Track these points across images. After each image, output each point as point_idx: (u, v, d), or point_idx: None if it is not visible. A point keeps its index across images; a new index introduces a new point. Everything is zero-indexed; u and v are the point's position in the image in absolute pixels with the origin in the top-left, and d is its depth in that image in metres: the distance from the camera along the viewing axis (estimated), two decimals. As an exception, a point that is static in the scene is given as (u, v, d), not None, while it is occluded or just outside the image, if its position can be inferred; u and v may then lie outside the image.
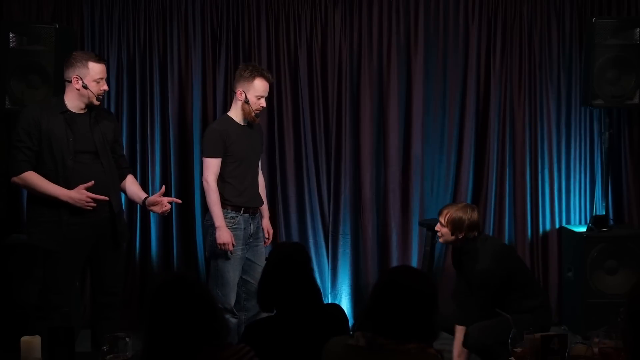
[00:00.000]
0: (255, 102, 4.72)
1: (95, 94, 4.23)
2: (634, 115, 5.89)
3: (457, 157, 5.92)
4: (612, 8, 5.86)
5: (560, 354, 3.05)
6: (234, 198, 4.72)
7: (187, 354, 2.31)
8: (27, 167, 4.19)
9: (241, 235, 4.73)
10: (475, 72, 5.86)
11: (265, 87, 4.74)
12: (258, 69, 4.77)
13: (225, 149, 4.70)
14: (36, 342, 3.09)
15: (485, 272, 4.31)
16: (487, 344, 4.23)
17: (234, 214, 4.72)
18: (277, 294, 3.14)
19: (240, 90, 4.73)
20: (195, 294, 2.36)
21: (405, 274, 2.67)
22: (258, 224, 4.89)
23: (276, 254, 3.26)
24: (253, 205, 4.82)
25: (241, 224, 4.74)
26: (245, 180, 4.76)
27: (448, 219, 4.39)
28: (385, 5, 5.81)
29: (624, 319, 2.15)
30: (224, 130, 4.72)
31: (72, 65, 4.23)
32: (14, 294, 5.19)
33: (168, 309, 2.33)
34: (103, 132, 4.30)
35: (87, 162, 4.24)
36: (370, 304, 2.63)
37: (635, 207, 5.91)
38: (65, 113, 4.22)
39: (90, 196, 4.15)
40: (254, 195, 4.83)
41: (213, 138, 4.72)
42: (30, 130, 4.18)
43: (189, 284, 2.38)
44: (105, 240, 4.33)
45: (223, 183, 4.72)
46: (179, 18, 5.75)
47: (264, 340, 3.04)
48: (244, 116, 4.76)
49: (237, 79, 4.76)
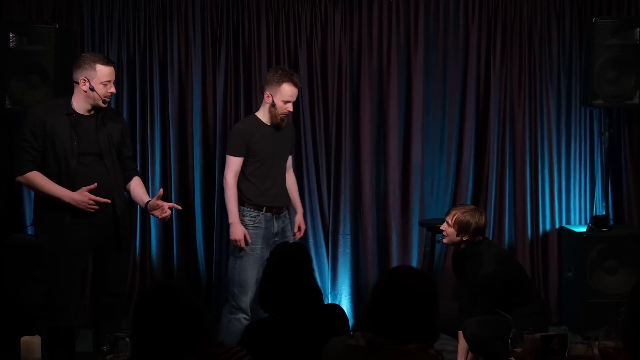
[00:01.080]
0: (281, 107, 4.75)
1: (101, 96, 4.23)
2: (634, 115, 5.89)
3: (457, 157, 5.92)
4: (612, 8, 5.85)
5: (560, 354, 3.05)
6: (255, 197, 4.78)
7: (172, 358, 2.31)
8: (32, 167, 4.19)
9: (261, 234, 4.78)
10: (475, 72, 5.86)
11: (293, 92, 4.76)
12: (287, 73, 4.79)
13: (248, 148, 4.76)
14: (36, 342, 3.09)
15: (490, 275, 4.30)
16: (484, 337, 4.22)
17: (255, 213, 4.78)
18: (278, 294, 3.14)
19: (268, 93, 4.78)
20: (178, 303, 2.35)
21: (405, 274, 2.66)
22: (284, 223, 4.93)
23: (277, 254, 3.26)
24: (276, 205, 4.84)
25: (262, 222, 4.79)
26: (267, 180, 4.80)
27: (455, 220, 4.39)
28: (385, 5, 5.81)
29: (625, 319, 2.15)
30: (248, 130, 4.79)
31: (80, 66, 4.24)
32: (14, 294, 5.19)
33: (150, 319, 2.33)
34: (109, 134, 4.30)
35: (90, 163, 4.24)
36: (370, 304, 2.63)
37: (635, 207, 5.91)
38: (71, 115, 4.23)
39: (92, 198, 4.15)
40: (278, 195, 4.86)
41: (236, 137, 4.80)
42: (35, 130, 4.18)
43: (172, 294, 2.37)
44: (109, 241, 4.34)
45: (245, 182, 4.78)
46: (179, 18, 5.75)
47: (264, 340, 3.04)
48: (271, 118, 4.80)
49: (266, 81, 4.81)
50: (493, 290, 4.31)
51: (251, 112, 5.77)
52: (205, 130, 5.82)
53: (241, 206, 4.81)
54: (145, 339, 2.32)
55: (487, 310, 4.29)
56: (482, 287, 4.33)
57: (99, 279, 4.44)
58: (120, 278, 4.49)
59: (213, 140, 5.82)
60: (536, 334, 3.11)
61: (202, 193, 5.80)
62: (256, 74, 5.76)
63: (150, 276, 5.83)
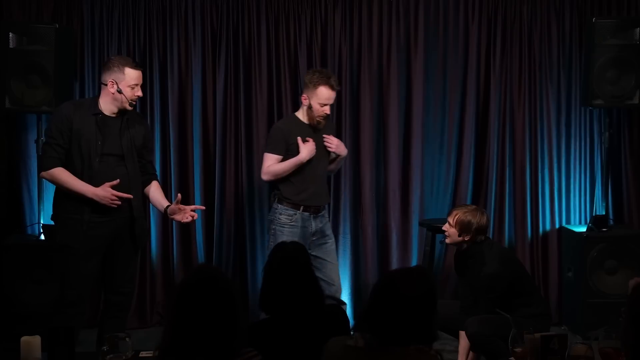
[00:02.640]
0: (318, 109, 4.79)
1: (128, 99, 4.31)
2: (634, 115, 5.89)
3: (457, 157, 5.92)
4: (612, 8, 5.85)
5: (560, 354, 3.05)
6: (292, 196, 4.83)
7: (205, 352, 2.31)
8: (57, 164, 4.28)
9: (298, 233, 4.81)
10: (475, 72, 5.86)
11: (329, 95, 4.79)
12: (324, 76, 4.80)
13: (287, 147, 4.80)
14: (36, 342, 3.09)
15: (492, 275, 4.31)
16: (486, 335, 4.22)
17: (292, 211, 4.83)
18: (279, 295, 3.14)
19: (305, 96, 4.82)
20: (221, 292, 2.36)
21: (403, 278, 2.64)
22: (323, 222, 4.96)
23: (278, 255, 3.26)
24: (314, 204, 4.88)
25: (299, 221, 4.83)
26: (305, 179, 4.84)
27: (457, 220, 4.40)
28: (385, 5, 5.81)
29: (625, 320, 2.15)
30: (287, 129, 4.84)
31: (109, 69, 4.31)
32: (14, 294, 5.19)
33: (193, 306, 2.33)
34: (132, 137, 4.38)
35: (112, 164, 4.31)
36: (369, 308, 2.63)
37: (635, 207, 5.91)
38: (98, 115, 4.30)
39: (115, 194, 4.23)
40: (317, 194, 4.89)
41: (275, 136, 4.86)
42: (62, 128, 4.26)
43: (217, 282, 2.38)
44: (123, 241, 4.39)
45: (283, 180, 4.83)
46: (179, 18, 5.75)
47: (265, 340, 3.04)
48: (308, 119, 4.84)
49: (304, 83, 4.86)
50: (495, 290, 4.31)
51: (251, 111, 5.80)
52: (205, 130, 5.82)
53: (278, 204, 4.86)
54: (186, 329, 2.31)
55: (488, 310, 4.28)
56: (484, 287, 4.33)
57: (108, 277, 4.47)
58: (130, 278, 4.55)
59: (213, 140, 5.82)
60: (536, 334, 3.12)
61: (202, 193, 5.80)
62: (256, 74, 5.76)
63: (150, 276, 5.83)
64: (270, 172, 4.85)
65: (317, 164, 4.90)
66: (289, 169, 4.81)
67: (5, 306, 5.18)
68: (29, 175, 5.63)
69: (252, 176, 5.79)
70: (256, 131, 5.78)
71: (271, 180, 4.92)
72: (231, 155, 5.81)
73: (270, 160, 4.84)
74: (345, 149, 5.06)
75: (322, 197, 4.97)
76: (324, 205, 5.00)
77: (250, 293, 5.78)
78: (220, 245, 5.80)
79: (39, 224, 5.36)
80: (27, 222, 5.63)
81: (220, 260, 5.79)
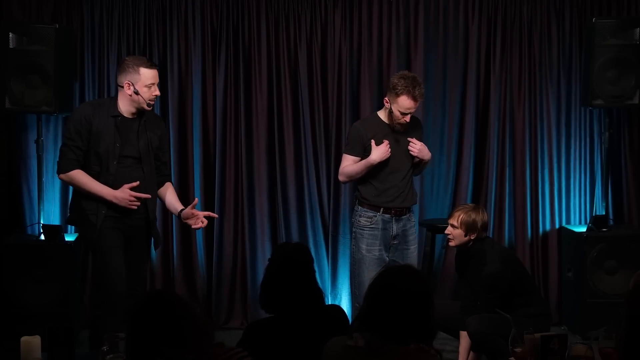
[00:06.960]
0: (398, 116, 4.69)
1: (146, 99, 4.29)
2: (634, 115, 5.89)
3: (457, 157, 5.92)
4: (612, 8, 5.86)
5: (560, 354, 3.05)
6: (372, 197, 4.75)
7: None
8: (75, 166, 4.28)
9: (379, 235, 4.75)
10: (475, 72, 5.86)
11: (410, 105, 4.65)
12: (409, 86, 4.60)
13: (365, 148, 4.74)
14: (36, 342, 3.09)
15: (494, 274, 4.32)
16: (488, 333, 4.23)
17: (372, 213, 4.75)
18: (279, 294, 3.14)
19: (387, 99, 4.75)
20: (172, 311, 2.35)
21: (397, 275, 2.65)
22: (406, 226, 4.83)
23: (279, 255, 3.26)
24: (396, 206, 4.76)
25: (379, 223, 4.75)
26: (386, 181, 4.74)
27: (461, 221, 4.41)
28: (385, 5, 5.81)
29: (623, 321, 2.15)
30: (364, 129, 4.76)
31: (124, 70, 4.29)
32: (14, 294, 5.19)
33: (144, 326, 2.33)
34: (149, 139, 4.38)
35: (129, 166, 4.32)
36: (366, 307, 2.63)
37: (635, 207, 5.91)
38: (117, 117, 4.29)
39: (133, 195, 4.23)
40: (399, 197, 4.77)
41: (352, 137, 4.81)
42: (81, 129, 4.26)
43: (166, 301, 2.38)
44: (137, 242, 4.41)
45: (363, 182, 4.77)
46: (179, 18, 5.75)
47: (265, 340, 3.04)
48: (389, 121, 4.76)
49: (389, 86, 4.73)
50: (496, 289, 4.32)
51: (251, 111, 5.80)
52: (205, 130, 5.82)
53: (359, 206, 4.81)
54: (140, 345, 2.33)
55: (489, 309, 4.29)
56: (485, 286, 4.34)
57: None
58: (141, 281, 4.54)
59: (213, 140, 5.82)
60: (536, 334, 3.12)
61: (202, 193, 5.80)
62: (256, 74, 5.76)
63: (150, 276, 5.82)
64: (345, 173, 4.79)
65: (398, 165, 4.76)
66: (361, 171, 4.72)
67: (5, 306, 5.19)
68: (29, 175, 5.63)
69: (252, 176, 5.80)
70: (256, 131, 5.78)
71: (346, 181, 4.89)
72: (231, 155, 5.81)
73: (347, 161, 4.77)
74: (428, 152, 4.85)
75: (405, 199, 4.81)
76: (408, 207, 4.85)
77: (250, 293, 5.78)
78: (220, 245, 5.80)
79: (39, 224, 5.36)
80: (27, 222, 5.63)
81: (221, 261, 5.79)
